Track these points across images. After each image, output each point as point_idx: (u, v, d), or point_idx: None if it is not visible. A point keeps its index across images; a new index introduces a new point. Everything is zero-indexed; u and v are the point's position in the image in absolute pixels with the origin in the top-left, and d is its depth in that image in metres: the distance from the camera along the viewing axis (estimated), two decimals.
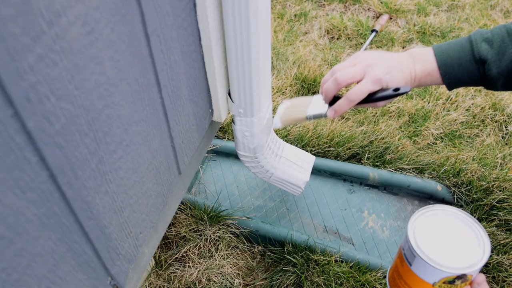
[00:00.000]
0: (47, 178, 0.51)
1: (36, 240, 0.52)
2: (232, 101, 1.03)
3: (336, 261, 1.33)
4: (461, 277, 0.67)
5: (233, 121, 1.10)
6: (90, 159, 0.59)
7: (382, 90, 0.92)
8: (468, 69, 0.90)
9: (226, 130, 1.82)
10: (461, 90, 2.17)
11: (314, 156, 1.43)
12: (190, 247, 1.35)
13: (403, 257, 0.74)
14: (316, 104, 1.02)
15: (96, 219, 0.65)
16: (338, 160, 1.72)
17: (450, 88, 0.94)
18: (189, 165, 1.02)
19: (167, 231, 1.40)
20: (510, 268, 1.35)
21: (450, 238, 0.71)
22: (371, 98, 0.92)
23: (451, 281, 0.68)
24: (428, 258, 0.67)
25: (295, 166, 1.31)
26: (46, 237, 0.54)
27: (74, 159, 0.55)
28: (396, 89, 0.90)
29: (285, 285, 1.28)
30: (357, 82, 0.92)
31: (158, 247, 1.38)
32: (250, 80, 0.95)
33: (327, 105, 0.99)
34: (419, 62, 0.93)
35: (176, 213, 1.42)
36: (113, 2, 0.54)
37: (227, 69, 0.97)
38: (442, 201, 1.61)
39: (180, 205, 1.44)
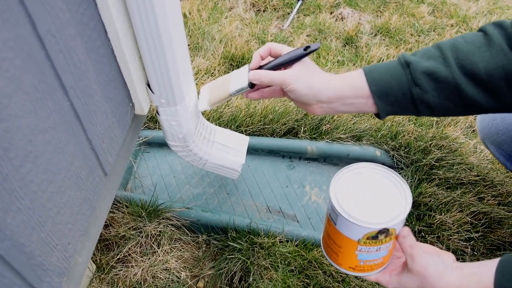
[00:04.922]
0: None
1: None
2: (153, 92, 0.98)
3: (281, 242, 1.32)
4: (383, 231, 0.68)
5: (157, 112, 1.06)
6: None
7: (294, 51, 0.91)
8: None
9: (156, 120, 1.76)
10: (393, 51, 2.19)
11: (248, 136, 1.41)
12: (131, 246, 1.30)
13: (329, 217, 0.74)
14: (237, 79, 0.99)
15: (11, 240, 0.61)
16: (274, 137, 1.70)
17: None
18: (115, 164, 0.97)
19: (105, 232, 1.34)
20: (453, 225, 1.38)
21: (372, 195, 0.72)
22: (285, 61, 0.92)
23: (374, 237, 0.69)
24: (349, 216, 0.68)
25: (229, 150, 1.29)
26: None
27: None
28: (306, 48, 0.90)
29: (232, 272, 1.26)
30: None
31: (98, 250, 1.32)
32: (166, 68, 0.91)
33: (247, 78, 0.96)
34: None
35: (113, 212, 1.37)
36: None
37: (141, 60, 0.92)
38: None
39: (116, 204, 1.39)
